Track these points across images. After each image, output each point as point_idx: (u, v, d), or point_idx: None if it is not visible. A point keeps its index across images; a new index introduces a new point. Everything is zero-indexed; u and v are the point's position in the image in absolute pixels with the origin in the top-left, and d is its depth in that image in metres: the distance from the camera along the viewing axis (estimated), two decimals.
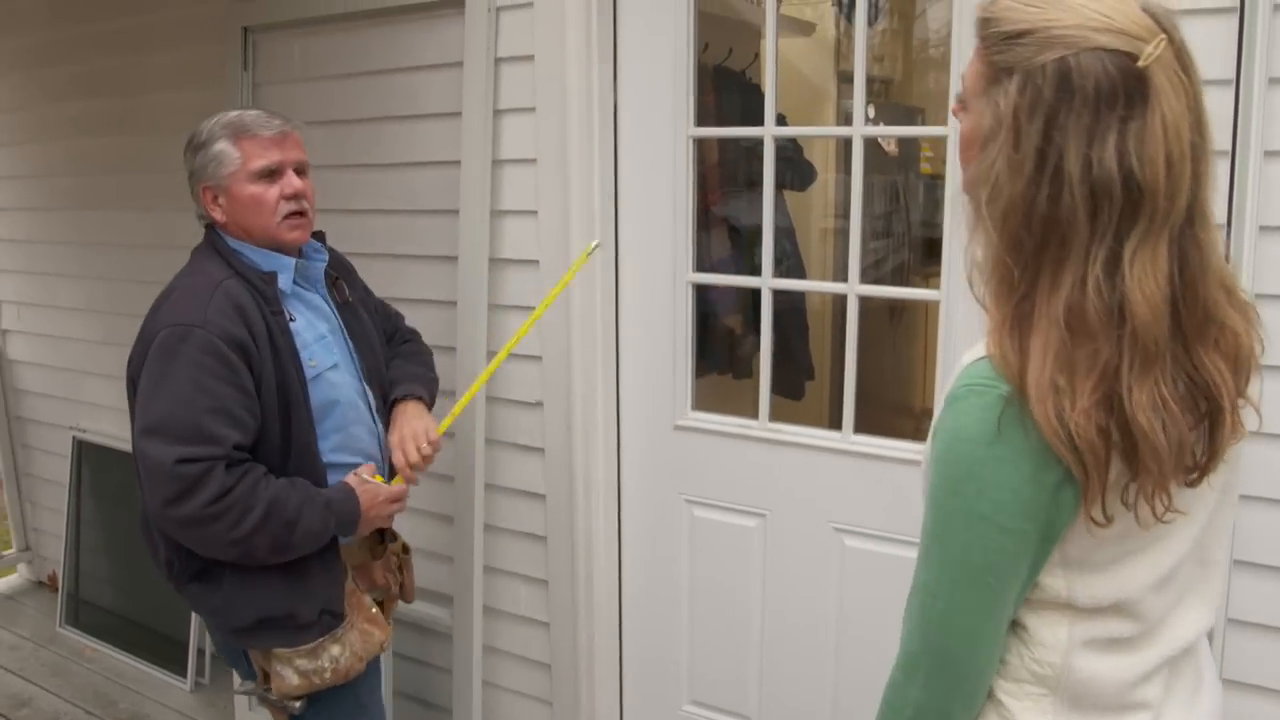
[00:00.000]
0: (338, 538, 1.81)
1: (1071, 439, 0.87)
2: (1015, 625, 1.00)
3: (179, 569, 1.76)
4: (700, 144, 2.24)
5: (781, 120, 2.34)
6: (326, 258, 1.92)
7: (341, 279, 1.97)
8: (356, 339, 1.93)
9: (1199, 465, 0.93)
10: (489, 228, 2.31)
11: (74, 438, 3.48)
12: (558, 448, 2.31)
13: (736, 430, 2.22)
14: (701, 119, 2.20)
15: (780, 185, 3.15)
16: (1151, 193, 0.85)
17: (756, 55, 3.04)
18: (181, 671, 3.10)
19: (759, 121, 2.11)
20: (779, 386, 3.19)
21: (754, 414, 2.21)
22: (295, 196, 1.79)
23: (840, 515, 2.11)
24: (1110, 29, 0.86)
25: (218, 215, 1.80)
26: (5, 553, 3.91)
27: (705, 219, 2.83)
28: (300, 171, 1.83)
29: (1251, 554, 1.67)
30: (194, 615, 2.97)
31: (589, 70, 2.14)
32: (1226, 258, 1.19)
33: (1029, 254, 0.90)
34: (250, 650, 1.84)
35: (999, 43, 0.90)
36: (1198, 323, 0.90)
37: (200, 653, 3.09)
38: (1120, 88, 0.85)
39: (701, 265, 2.29)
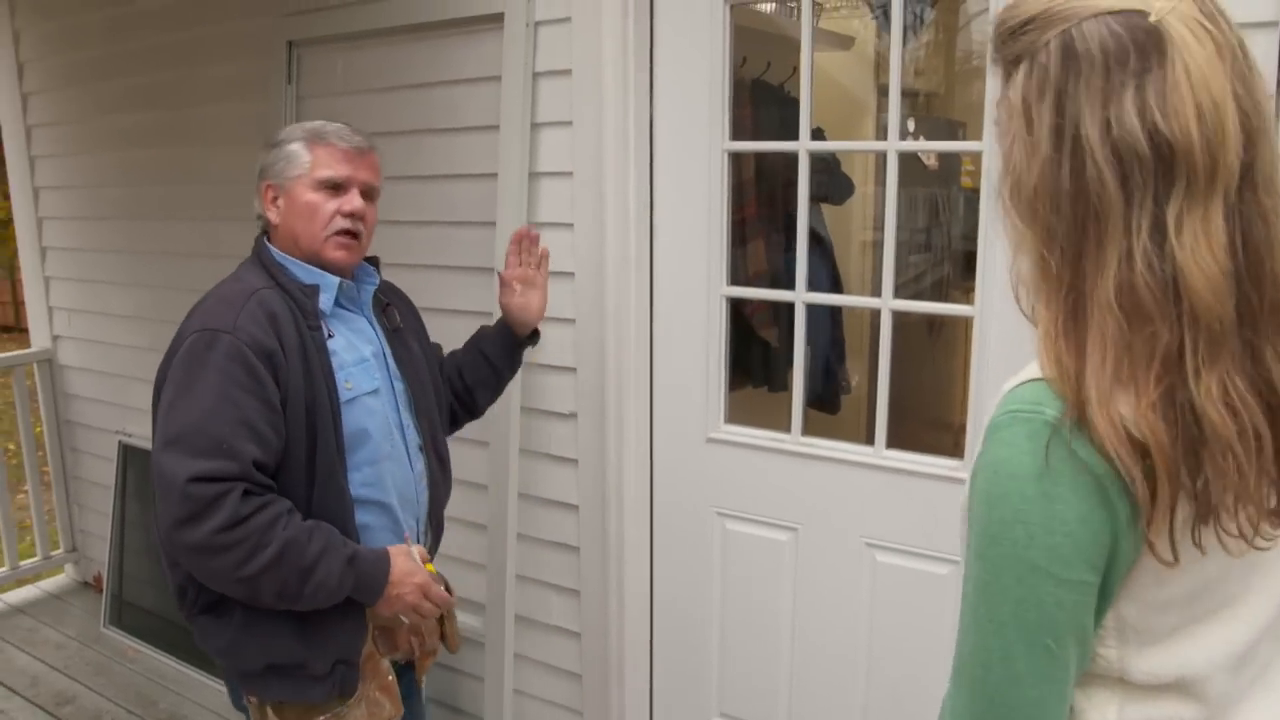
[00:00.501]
0: None
1: (1138, 442, 0.76)
2: None
3: (191, 598, 1.66)
4: (736, 157, 2.24)
5: (819, 134, 2.34)
6: (377, 282, 1.83)
7: (393, 305, 1.87)
8: (403, 366, 1.82)
9: None
10: None
11: (120, 442, 3.55)
12: (591, 459, 2.32)
13: (769, 444, 2.22)
14: (738, 132, 2.20)
15: (817, 198, 3.14)
16: (1185, 149, 0.76)
17: (795, 69, 3.03)
18: (219, 674, 3.14)
19: (796, 135, 2.11)
20: (815, 400, 3.18)
21: (787, 428, 2.21)
22: (352, 216, 1.71)
23: (872, 530, 2.10)
24: None
25: (273, 216, 1.73)
26: (53, 553, 3.98)
27: (740, 232, 2.83)
28: (368, 195, 1.75)
29: None
30: None
31: (625, 84, 2.16)
32: None
33: (1064, 239, 0.81)
34: (247, 699, 1.73)
35: (1006, 40, 0.85)
36: (1269, 306, 0.78)
37: None
38: (1129, 45, 0.77)
39: (736, 278, 2.29)
